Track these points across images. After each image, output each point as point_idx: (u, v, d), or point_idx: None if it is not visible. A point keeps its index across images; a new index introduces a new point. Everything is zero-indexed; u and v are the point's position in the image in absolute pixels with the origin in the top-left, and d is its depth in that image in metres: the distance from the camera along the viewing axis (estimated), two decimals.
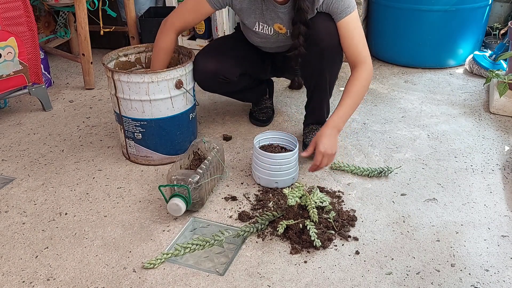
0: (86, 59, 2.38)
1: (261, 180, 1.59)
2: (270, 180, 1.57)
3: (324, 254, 1.30)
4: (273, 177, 1.56)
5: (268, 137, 1.69)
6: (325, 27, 1.55)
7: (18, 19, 1.96)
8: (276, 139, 1.69)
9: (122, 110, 1.65)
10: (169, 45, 1.67)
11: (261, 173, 1.57)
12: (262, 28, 1.65)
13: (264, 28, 1.65)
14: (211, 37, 3.02)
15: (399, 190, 1.57)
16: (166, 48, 1.67)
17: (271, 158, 1.54)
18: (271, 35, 1.66)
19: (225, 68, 1.70)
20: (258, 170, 1.58)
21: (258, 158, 1.56)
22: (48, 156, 1.83)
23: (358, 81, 1.57)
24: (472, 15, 2.48)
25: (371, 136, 1.91)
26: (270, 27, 1.64)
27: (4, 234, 1.41)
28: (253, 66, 1.83)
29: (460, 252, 1.30)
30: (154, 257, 1.30)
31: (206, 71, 1.69)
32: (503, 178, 1.62)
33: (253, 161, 1.61)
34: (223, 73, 1.70)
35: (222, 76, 1.71)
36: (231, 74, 1.72)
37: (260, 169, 1.57)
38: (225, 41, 1.91)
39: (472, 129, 1.95)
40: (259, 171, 1.57)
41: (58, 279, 1.24)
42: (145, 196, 1.57)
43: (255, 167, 1.59)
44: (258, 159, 1.56)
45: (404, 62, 2.63)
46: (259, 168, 1.57)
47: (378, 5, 2.61)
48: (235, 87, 1.82)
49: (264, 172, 1.56)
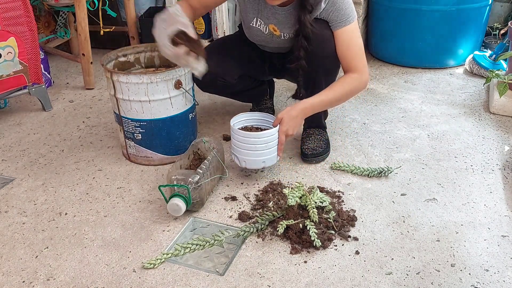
0: (86, 59, 2.38)
1: (247, 163, 1.57)
2: (257, 161, 1.55)
3: (324, 254, 1.30)
4: (260, 157, 1.54)
5: (242, 120, 1.67)
6: (321, 35, 1.55)
7: (18, 19, 1.96)
8: (250, 121, 1.68)
9: (121, 111, 1.65)
10: (184, 9, 1.52)
11: (247, 155, 1.55)
12: (259, 25, 1.64)
13: (260, 25, 1.64)
14: (211, 37, 3.02)
15: (399, 190, 1.57)
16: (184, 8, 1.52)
17: (257, 137, 1.52)
18: (266, 34, 1.66)
19: (224, 70, 1.69)
20: (242, 153, 1.55)
21: (242, 141, 1.54)
22: (48, 156, 1.83)
23: (345, 84, 1.58)
24: (472, 15, 2.48)
25: (371, 136, 1.91)
26: (265, 26, 1.64)
27: (4, 234, 1.41)
28: (253, 67, 1.82)
29: (460, 252, 1.30)
30: (154, 257, 1.30)
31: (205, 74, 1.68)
32: (503, 178, 1.62)
33: (234, 145, 1.57)
34: (222, 75, 1.70)
35: (221, 79, 1.71)
36: (230, 76, 1.72)
37: (245, 151, 1.54)
38: (224, 42, 1.90)
39: (472, 129, 1.95)
40: (244, 154, 1.55)
41: (58, 279, 1.24)
42: (145, 196, 1.57)
43: (238, 150, 1.56)
44: (242, 141, 1.54)
45: (404, 62, 2.63)
46: (244, 150, 1.55)
47: (378, 5, 2.61)
48: (234, 88, 1.82)
49: (250, 154, 1.54)
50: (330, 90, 1.58)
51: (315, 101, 1.57)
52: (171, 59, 1.41)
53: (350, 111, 2.12)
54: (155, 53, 1.84)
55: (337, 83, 1.60)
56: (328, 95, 1.58)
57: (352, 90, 1.60)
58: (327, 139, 1.79)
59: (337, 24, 1.54)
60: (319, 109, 1.61)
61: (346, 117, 2.06)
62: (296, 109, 1.57)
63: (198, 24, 3.00)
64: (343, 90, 1.58)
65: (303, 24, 1.51)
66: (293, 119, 1.56)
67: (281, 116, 1.56)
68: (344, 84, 1.58)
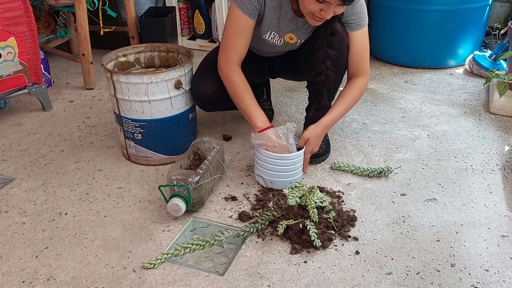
0: (86, 59, 2.38)
1: (274, 184, 1.56)
2: (285, 182, 1.54)
3: (324, 254, 1.30)
4: (288, 178, 1.54)
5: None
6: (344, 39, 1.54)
7: (18, 19, 1.96)
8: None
9: (121, 111, 1.65)
10: (244, 79, 1.57)
11: (274, 176, 1.54)
12: (273, 38, 1.60)
13: (274, 38, 1.60)
14: (211, 37, 3.02)
15: (399, 190, 1.57)
16: (242, 81, 1.57)
17: (285, 159, 1.51)
18: (280, 45, 1.63)
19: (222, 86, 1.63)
20: (269, 174, 1.54)
21: (270, 162, 1.52)
22: (48, 156, 1.83)
23: (356, 89, 1.62)
24: (472, 15, 2.48)
25: (371, 136, 1.91)
26: (281, 38, 1.60)
27: (4, 234, 1.41)
28: (251, 74, 1.76)
29: (460, 252, 1.30)
30: (154, 257, 1.30)
31: (206, 95, 1.66)
32: (503, 178, 1.62)
33: (260, 166, 1.56)
34: (223, 92, 1.64)
35: (223, 96, 1.65)
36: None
37: (272, 172, 1.53)
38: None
39: (472, 129, 1.95)
40: (271, 175, 1.54)
41: (58, 279, 1.24)
42: (145, 196, 1.57)
43: (264, 171, 1.55)
44: (270, 163, 1.52)
45: (404, 62, 2.63)
46: (271, 171, 1.53)
47: (378, 5, 2.61)
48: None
49: (278, 175, 1.54)
50: (345, 98, 1.61)
51: (334, 113, 1.61)
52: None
53: (350, 111, 2.12)
54: (155, 53, 1.84)
55: (349, 90, 1.62)
56: (343, 105, 1.61)
57: (362, 94, 1.65)
58: (327, 139, 1.79)
59: (354, 26, 1.54)
60: (339, 118, 1.64)
61: (346, 117, 2.06)
62: (320, 126, 1.59)
63: (198, 24, 3.01)
64: (356, 96, 1.63)
65: (333, 32, 1.50)
66: (318, 138, 1.60)
67: (307, 136, 1.57)
68: (356, 90, 1.62)
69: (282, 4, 1.51)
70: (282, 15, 1.53)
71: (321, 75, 1.56)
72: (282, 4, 1.51)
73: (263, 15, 1.53)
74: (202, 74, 1.70)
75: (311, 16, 1.41)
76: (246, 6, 1.48)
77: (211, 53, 1.81)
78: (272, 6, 1.51)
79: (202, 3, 2.93)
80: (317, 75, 1.57)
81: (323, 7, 1.36)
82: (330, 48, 1.53)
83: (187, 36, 3.08)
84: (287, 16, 1.53)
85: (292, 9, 1.51)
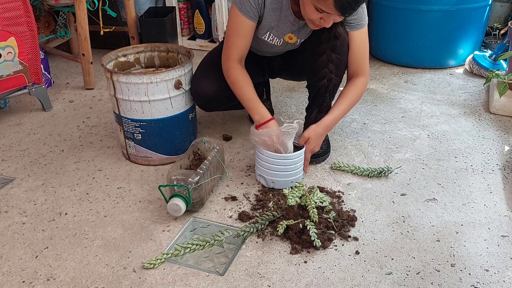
0: (86, 59, 2.38)
1: (275, 183, 1.56)
2: (286, 181, 1.54)
3: (324, 254, 1.30)
4: (289, 177, 1.54)
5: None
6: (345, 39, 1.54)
7: (18, 19, 1.96)
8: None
9: (121, 111, 1.65)
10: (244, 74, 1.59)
11: (275, 176, 1.54)
12: (272, 39, 1.60)
13: (273, 39, 1.60)
14: (211, 37, 3.02)
15: (399, 190, 1.57)
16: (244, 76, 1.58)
17: (286, 159, 1.51)
18: (279, 45, 1.63)
19: (224, 86, 1.63)
20: (270, 174, 1.54)
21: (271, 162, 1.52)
22: (48, 156, 1.83)
23: (357, 89, 1.62)
24: (472, 15, 2.48)
25: (371, 136, 1.91)
26: (280, 39, 1.60)
27: (4, 234, 1.41)
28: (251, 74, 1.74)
29: (460, 252, 1.30)
30: (154, 257, 1.30)
31: (206, 95, 1.66)
32: (503, 178, 1.62)
33: (261, 165, 1.56)
34: (222, 92, 1.65)
35: (223, 96, 1.67)
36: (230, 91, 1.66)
37: (274, 172, 1.54)
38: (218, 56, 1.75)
39: (472, 129, 1.95)
40: (272, 175, 1.54)
41: (58, 279, 1.24)
42: (145, 196, 1.57)
43: (265, 171, 1.55)
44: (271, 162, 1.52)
45: (404, 62, 2.63)
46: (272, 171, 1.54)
47: (378, 5, 2.61)
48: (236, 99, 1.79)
49: (279, 175, 1.54)
50: (346, 98, 1.61)
51: (335, 113, 1.61)
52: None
53: (350, 111, 2.11)
54: (155, 53, 1.84)
55: (349, 90, 1.62)
56: (343, 105, 1.61)
57: (362, 93, 1.64)
58: (327, 139, 1.79)
59: (354, 26, 1.53)
60: (340, 118, 1.64)
61: (346, 117, 2.06)
62: (321, 126, 1.59)
63: (198, 24, 3.01)
64: (356, 96, 1.63)
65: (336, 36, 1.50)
66: (319, 137, 1.60)
67: (307, 136, 1.58)
68: (356, 89, 1.62)
69: (283, 7, 1.50)
70: (283, 17, 1.53)
71: (324, 79, 1.57)
72: (282, 7, 1.50)
73: (262, 17, 1.53)
74: (202, 74, 1.69)
75: (311, 22, 1.42)
76: (246, 8, 1.48)
77: (211, 53, 1.81)
78: (272, 8, 1.51)
79: (202, 3, 2.93)
80: (320, 79, 1.58)
81: (323, 16, 1.36)
82: (333, 52, 1.53)
83: (187, 36, 3.08)
84: (288, 19, 1.53)
85: (293, 11, 1.51)
